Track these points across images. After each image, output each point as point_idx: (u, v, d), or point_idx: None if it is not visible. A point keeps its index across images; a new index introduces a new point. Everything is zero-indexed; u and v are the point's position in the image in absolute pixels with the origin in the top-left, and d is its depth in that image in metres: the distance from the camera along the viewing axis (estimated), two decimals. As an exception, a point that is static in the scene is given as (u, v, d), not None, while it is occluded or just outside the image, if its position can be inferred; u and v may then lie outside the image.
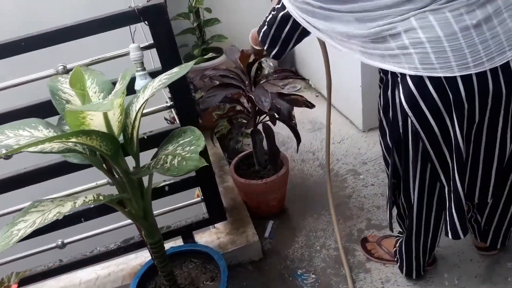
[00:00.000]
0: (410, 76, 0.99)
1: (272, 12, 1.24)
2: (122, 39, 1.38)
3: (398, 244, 1.53)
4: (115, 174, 1.15)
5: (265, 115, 1.77)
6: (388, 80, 1.13)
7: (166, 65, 1.32)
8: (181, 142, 0.99)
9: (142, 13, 1.24)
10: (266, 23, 1.28)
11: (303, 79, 1.77)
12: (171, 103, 1.43)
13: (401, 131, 1.10)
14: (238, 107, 1.86)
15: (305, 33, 1.21)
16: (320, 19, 1.06)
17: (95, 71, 1.22)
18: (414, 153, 1.13)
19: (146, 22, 1.25)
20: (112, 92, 0.91)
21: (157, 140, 1.43)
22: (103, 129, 1.04)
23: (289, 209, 2.02)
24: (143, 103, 1.08)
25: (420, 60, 0.96)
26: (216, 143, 2.43)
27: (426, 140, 1.06)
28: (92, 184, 1.48)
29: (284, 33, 1.24)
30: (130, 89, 1.35)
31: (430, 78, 0.97)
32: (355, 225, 1.86)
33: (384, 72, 1.16)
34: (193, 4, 2.75)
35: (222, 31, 2.95)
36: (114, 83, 1.14)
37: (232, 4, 3.04)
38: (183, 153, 0.93)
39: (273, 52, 1.31)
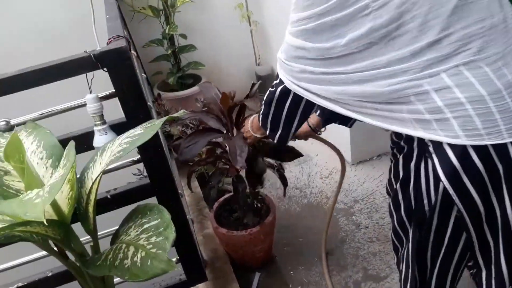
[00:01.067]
0: (450, 145, 0.81)
1: (270, 89, 1.08)
2: (83, 84, 1.19)
3: None
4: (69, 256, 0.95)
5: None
6: (412, 150, 0.94)
7: (131, 116, 1.13)
8: (146, 226, 0.80)
9: (99, 59, 1.04)
10: (264, 103, 1.12)
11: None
12: (139, 157, 1.24)
13: (426, 209, 0.91)
14: (218, 150, 1.67)
15: (309, 106, 1.05)
16: (324, 85, 0.90)
17: (43, 130, 1.02)
18: (440, 235, 0.94)
19: (104, 69, 1.06)
20: (50, 182, 0.71)
21: (121, 200, 1.24)
22: (49, 210, 0.84)
23: (277, 258, 1.83)
24: (101, 172, 0.89)
25: (461, 126, 0.78)
26: (194, 181, 2.23)
27: (469, 219, 0.88)
28: (43, 252, 1.25)
29: (285, 110, 1.07)
30: (89, 145, 1.16)
31: (474, 146, 0.79)
32: (351, 276, 1.68)
33: (406, 139, 0.98)
34: (167, 31, 2.57)
35: (199, 58, 2.79)
36: (65, 143, 0.93)
37: (209, 30, 2.87)
38: (148, 247, 0.73)
39: (277, 135, 1.15)
